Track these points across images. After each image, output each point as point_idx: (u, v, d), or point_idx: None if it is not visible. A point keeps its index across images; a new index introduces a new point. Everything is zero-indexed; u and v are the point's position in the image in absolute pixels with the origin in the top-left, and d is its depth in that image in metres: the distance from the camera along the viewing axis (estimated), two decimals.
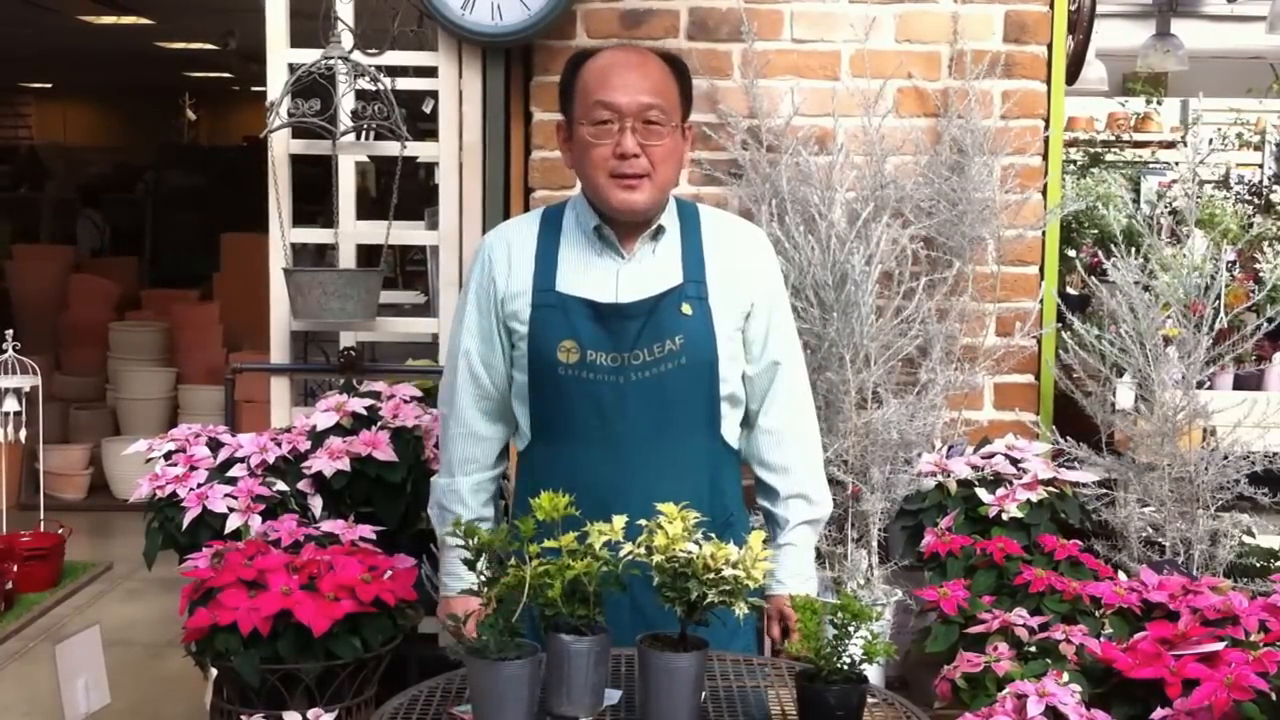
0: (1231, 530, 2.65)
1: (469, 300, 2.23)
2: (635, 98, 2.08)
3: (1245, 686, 1.73)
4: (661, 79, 2.13)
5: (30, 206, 11.13)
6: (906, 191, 3.06)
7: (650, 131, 2.09)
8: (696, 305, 2.13)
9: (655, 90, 2.10)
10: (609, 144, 2.09)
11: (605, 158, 2.09)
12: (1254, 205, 5.48)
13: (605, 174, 2.10)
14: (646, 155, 2.09)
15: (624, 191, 2.10)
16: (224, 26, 8.87)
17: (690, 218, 2.22)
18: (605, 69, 2.12)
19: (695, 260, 2.17)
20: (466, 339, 2.21)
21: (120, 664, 2.52)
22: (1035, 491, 2.60)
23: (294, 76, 3.01)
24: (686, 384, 2.11)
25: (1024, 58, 3.17)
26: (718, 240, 2.21)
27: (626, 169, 2.09)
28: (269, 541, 2.36)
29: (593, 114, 2.09)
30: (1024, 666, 1.93)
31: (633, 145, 2.08)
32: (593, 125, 2.10)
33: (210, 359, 6.86)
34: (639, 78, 2.10)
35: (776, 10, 3.18)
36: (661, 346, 2.10)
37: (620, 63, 2.13)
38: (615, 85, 2.09)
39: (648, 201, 2.12)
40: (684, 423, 2.14)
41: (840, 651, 1.71)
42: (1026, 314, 3.15)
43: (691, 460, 2.15)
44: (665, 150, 2.11)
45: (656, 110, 2.09)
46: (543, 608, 1.69)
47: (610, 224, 2.16)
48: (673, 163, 2.14)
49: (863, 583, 2.73)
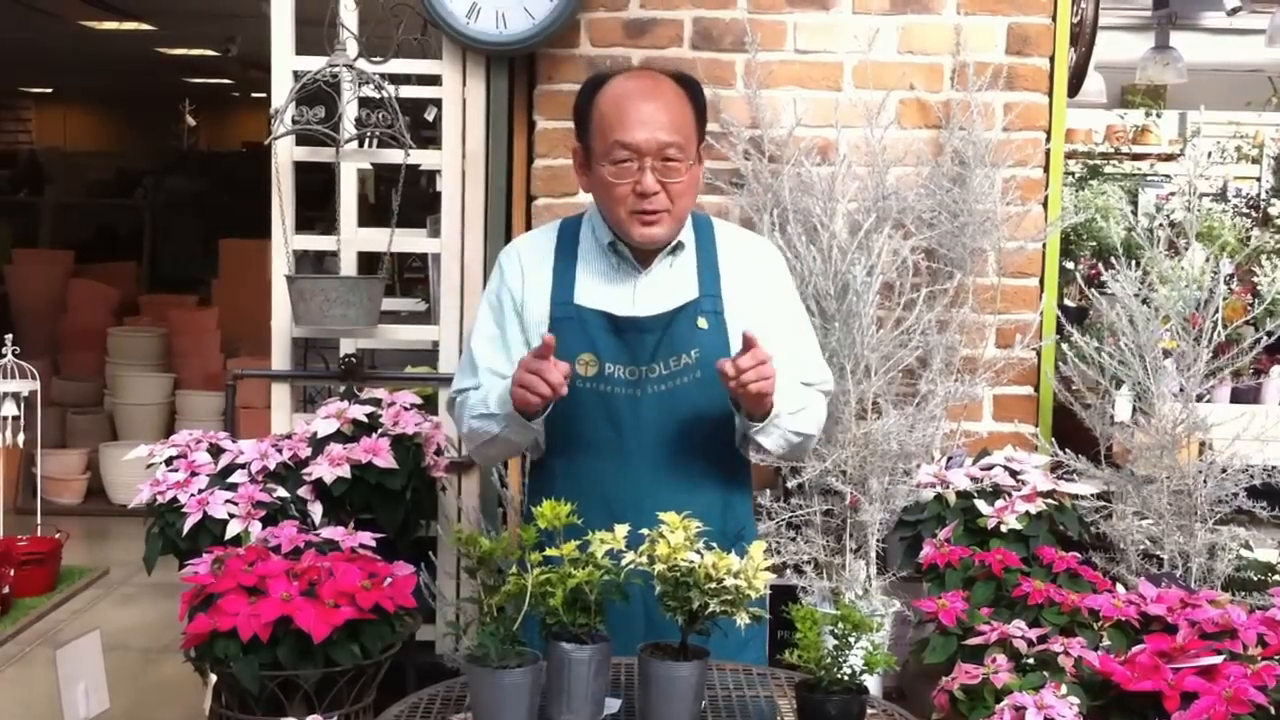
0: (1229, 543, 2.66)
1: (482, 313, 2.26)
2: (654, 135, 2.09)
3: (1244, 700, 1.73)
4: (678, 109, 2.14)
5: (30, 211, 11.12)
6: (908, 203, 3.07)
7: (669, 169, 2.11)
8: (712, 319, 2.16)
9: (672, 126, 2.11)
10: (629, 183, 2.11)
11: (625, 195, 2.12)
12: (1252, 218, 5.49)
13: (626, 210, 2.13)
14: (665, 192, 2.12)
15: (644, 227, 2.13)
16: (225, 33, 8.88)
17: (705, 232, 2.25)
18: (622, 102, 2.12)
19: (711, 275, 2.19)
20: (481, 349, 2.24)
21: (116, 669, 2.51)
22: (1034, 503, 2.60)
23: (299, 84, 3.02)
24: (701, 398, 2.13)
25: (1026, 70, 3.18)
26: (732, 255, 2.23)
27: (647, 206, 2.11)
28: (269, 548, 2.36)
29: (612, 154, 2.12)
30: (1022, 678, 1.93)
31: (652, 184, 2.10)
32: (612, 165, 2.12)
33: (208, 364, 6.86)
34: (656, 111, 2.11)
35: (780, 21, 3.19)
36: (677, 360, 2.12)
37: (636, 95, 2.13)
38: (632, 122, 2.10)
39: (667, 235, 2.16)
40: (698, 436, 2.15)
41: (841, 662, 1.72)
42: (1026, 326, 3.16)
43: (705, 473, 2.17)
44: (683, 186, 2.14)
45: (674, 148, 2.11)
46: (544, 616, 1.69)
47: (626, 241, 2.19)
48: (690, 194, 2.17)
49: (861, 593, 2.73)
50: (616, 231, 2.18)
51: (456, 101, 3.19)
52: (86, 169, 12.78)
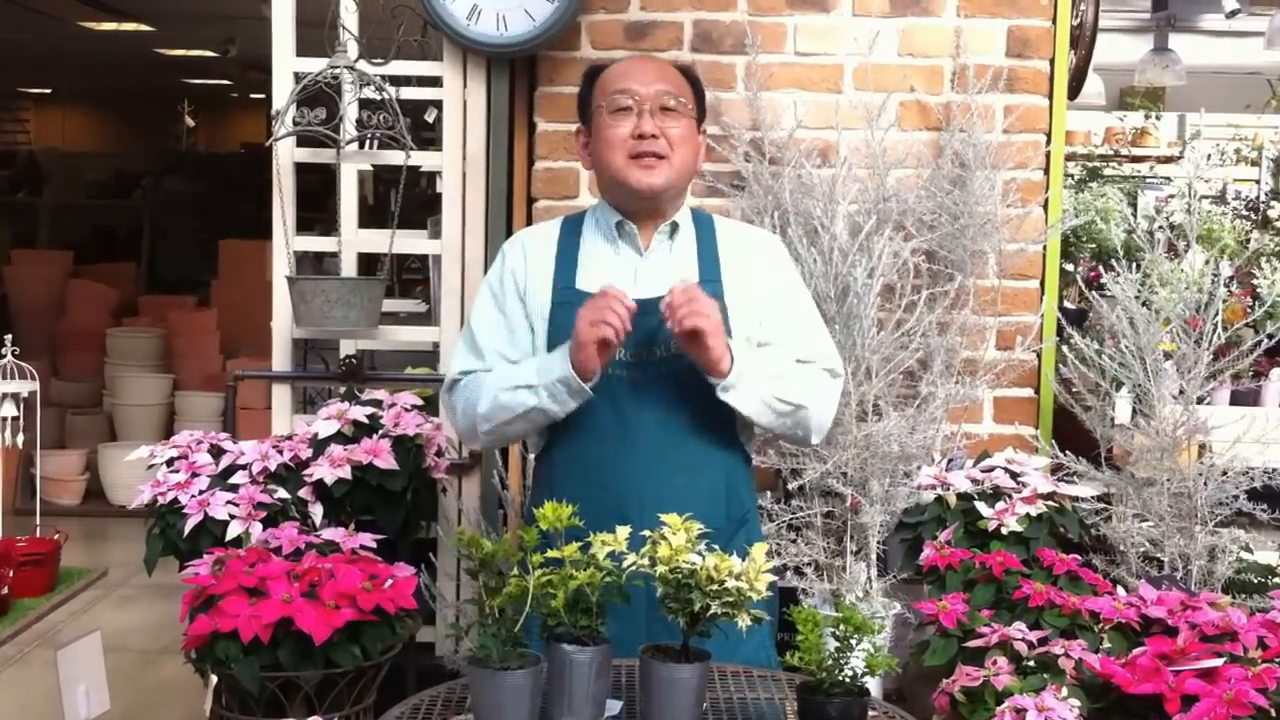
0: (1230, 546, 2.66)
1: (483, 298, 2.27)
2: (652, 85, 2.16)
3: (1244, 703, 1.74)
4: (677, 77, 2.22)
5: (29, 212, 11.12)
6: (908, 205, 3.07)
7: (667, 115, 2.16)
8: None
9: (671, 82, 2.19)
10: (628, 126, 2.15)
11: (624, 138, 2.15)
12: (1252, 221, 5.50)
13: (624, 155, 2.15)
14: (664, 137, 2.15)
15: (642, 171, 2.15)
16: (224, 34, 8.88)
17: (705, 224, 2.27)
18: (623, 67, 2.23)
19: (711, 261, 2.21)
20: (484, 331, 2.23)
21: (116, 670, 2.50)
22: (1035, 506, 2.60)
23: (300, 86, 3.02)
24: (703, 381, 2.12)
25: (1026, 72, 3.18)
26: (732, 244, 2.25)
27: (645, 148, 2.14)
28: (270, 549, 2.36)
29: (612, 101, 2.16)
30: (1023, 681, 1.93)
31: (651, 126, 2.14)
32: (611, 112, 2.16)
33: (207, 365, 6.86)
34: (656, 71, 2.20)
35: (780, 23, 3.19)
36: (679, 343, 2.12)
37: (638, 60, 2.27)
38: (633, 76, 2.18)
39: (665, 183, 2.16)
40: (699, 420, 2.16)
41: (842, 664, 1.72)
42: (1027, 328, 3.16)
43: (707, 458, 2.18)
44: (682, 133, 2.17)
45: (672, 96, 2.16)
46: (545, 618, 1.69)
47: (630, 217, 2.20)
48: (689, 148, 2.19)
49: (861, 595, 2.73)
50: (615, 191, 2.20)
51: (457, 103, 3.19)
52: (85, 170, 12.76)
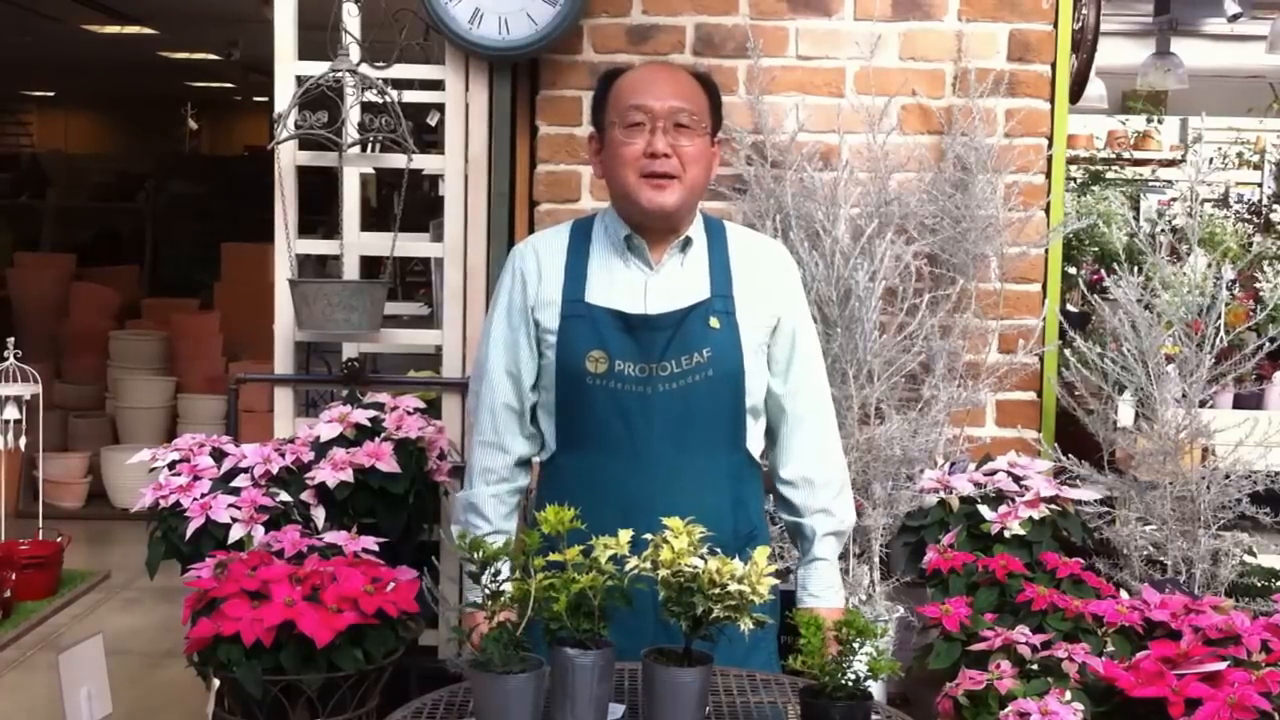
0: (1233, 549, 2.66)
1: (497, 312, 2.25)
2: (666, 101, 2.14)
3: (1248, 706, 1.74)
4: (693, 90, 2.19)
5: (32, 214, 11.12)
6: (910, 208, 3.07)
7: (681, 133, 2.14)
8: (724, 319, 2.16)
9: (686, 96, 2.16)
10: (640, 143, 2.13)
11: (636, 156, 2.13)
12: (1254, 224, 5.50)
13: (635, 173, 2.14)
14: (677, 156, 2.13)
15: (653, 191, 2.13)
16: (227, 37, 8.89)
17: (717, 234, 2.25)
18: (639, 78, 2.20)
19: (722, 275, 2.20)
20: (493, 353, 2.23)
21: (118, 673, 2.51)
22: (1037, 509, 2.60)
23: (302, 89, 3.02)
24: (712, 396, 2.13)
25: (1028, 76, 3.18)
26: (744, 256, 2.24)
27: (656, 168, 2.12)
28: (272, 552, 2.36)
29: (626, 116, 2.14)
30: (1026, 684, 1.93)
31: (663, 145, 2.12)
32: (625, 127, 2.14)
33: (210, 368, 6.85)
34: (671, 85, 2.17)
35: (782, 27, 3.19)
36: (689, 359, 2.12)
37: (654, 72, 2.24)
38: (647, 91, 2.15)
39: (677, 203, 2.15)
40: (709, 435, 2.16)
41: (845, 667, 1.72)
42: (1029, 331, 3.16)
43: (715, 472, 2.17)
44: (695, 152, 2.15)
45: (686, 113, 2.14)
46: (547, 621, 1.69)
47: (640, 232, 2.18)
48: (702, 165, 2.17)
49: (865, 599, 2.73)
50: (626, 207, 2.18)
51: (459, 106, 3.19)
52: (88, 172, 12.77)
